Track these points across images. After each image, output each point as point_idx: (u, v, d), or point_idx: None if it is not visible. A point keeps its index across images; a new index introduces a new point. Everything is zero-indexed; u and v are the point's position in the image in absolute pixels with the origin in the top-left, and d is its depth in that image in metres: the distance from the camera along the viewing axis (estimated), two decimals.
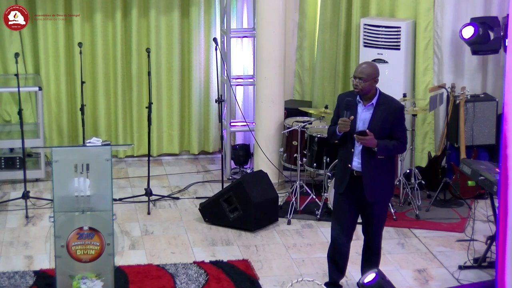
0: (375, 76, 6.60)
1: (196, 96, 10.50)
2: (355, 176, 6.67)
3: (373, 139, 6.50)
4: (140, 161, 10.44)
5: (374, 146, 6.52)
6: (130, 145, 10.10)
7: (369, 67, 6.60)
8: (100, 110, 10.28)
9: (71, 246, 6.55)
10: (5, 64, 10.08)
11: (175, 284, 7.18)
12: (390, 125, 6.57)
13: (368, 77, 6.55)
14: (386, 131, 6.57)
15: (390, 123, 6.57)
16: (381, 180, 6.65)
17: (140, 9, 10.20)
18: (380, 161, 6.59)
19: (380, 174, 6.63)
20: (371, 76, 6.57)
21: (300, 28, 10.41)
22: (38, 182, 9.64)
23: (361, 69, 6.58)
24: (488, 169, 7.30)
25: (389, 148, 6.57)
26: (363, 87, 6.56)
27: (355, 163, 6.66)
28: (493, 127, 9.38)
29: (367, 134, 6.50)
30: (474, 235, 8.05)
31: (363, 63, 6.75)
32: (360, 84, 6.55)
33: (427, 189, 9.31)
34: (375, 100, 6.63)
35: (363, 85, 6.55)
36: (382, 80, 9.41)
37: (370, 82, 6.57)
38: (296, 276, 7.21)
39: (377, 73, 6.63)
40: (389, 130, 6.58)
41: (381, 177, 6.64)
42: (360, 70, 6.58)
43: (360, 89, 6.57)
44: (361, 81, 6.55)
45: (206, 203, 8.62)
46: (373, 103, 6.62)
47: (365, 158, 6.60)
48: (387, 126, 6.57)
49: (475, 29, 8.95)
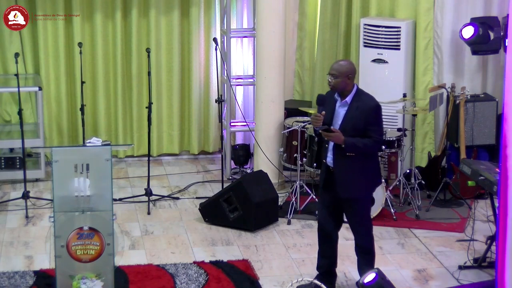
0: (348, 74, 6.63)
1: (196, 96, 10.51)
2: (331, 171, 6.77)
3: (338, 136, 6.58)
4: (140, 161, 10.44)
5: (341, 143, 6.60)
6: (130, 145, 10.10)
7: (342, 65, 6.68)
8: (100, 110, 10.28)
9: (71, 246, 6.55)
10: (5, 64, 10.08)
11: (175, 284, 7.18)
12: (363, 124, 6.61)
13: (339, 74, 6.60)
14: (359, 130, 6.61)
15: (363, 122, 6.61)
16: (353, 177, 6.69)
17: (140, 9, 10.20)
18: (353, 158, 6.65)
19: (352, 170, 6.68)
20: (343, 73, 6.61)
21: (300, 28, 10.41)
22: (38, 182, 9.64)
23: (334, 66, 6.68)
24: (488, 169, 7.30)
25: (358, 145, 6.60)
26: (335, 83, 6.63)
27: (329, 159, 6.78)
28: (493, 127, 9.38)
29: (332, 131, 6.58)
30: (474, 235, 8.04)
31: (338, 60, 6.86)
32: (332, 81, 6.63)
33: (427, 189, 9.31)
34: (349, 98, 6.68)
35: (334, 82, 6.62)
36: (382, 80, 9.51)
37: (342, 79, 6.61)
38: (296, 276, 7.21)
39: (351, 70, 6.66)
40: (363, 129, 6.61)
41: (353, 174, 6.68)
42: (333, 67, 6.68)
43: (332, 86, 6.66)
44: (333, 77, 6.63)
45: (206, 203, 8.62)
46: (347, 100, 6.68)
47: (336, 154, 6.70)
48: (359, 124, 6.61)
49: (475, 29, 8.95)
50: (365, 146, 6.62)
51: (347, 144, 6.58)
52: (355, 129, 6.61)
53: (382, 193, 8.54)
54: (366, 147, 6.63)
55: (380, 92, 9.41)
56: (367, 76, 9.61)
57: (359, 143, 6.59)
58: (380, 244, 8.09)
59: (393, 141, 8.87)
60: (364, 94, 6.75)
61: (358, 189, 6.75)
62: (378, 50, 9.48)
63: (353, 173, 6.68)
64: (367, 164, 6.76)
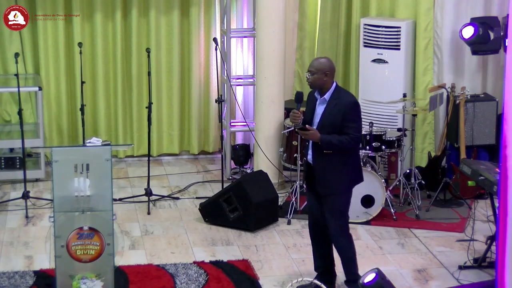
0: (326, 71, 6.65)
1: (196, 96, 10.51)
2: (311, 168, 6.81)
3: (314, 134, 6.62)
4: (140, 161, 10.45)
5: (317, 140, 6.64)
6: (130, 145, 10.10)
7: (319, 62, 6.71)
8: (100, 110, 10.28)
9: (71, 246, 6.55)
10: (5, 64, 10.08)
11: (175, 284, 7.18)
12: (341, 121, 6.63)
13: (316, 71, 6.64)
14: (337, 126, 6.63)
15: (340, 119, 6.63)
16: (331, 174, 6.71)
17: (140, 9, 10.20)
18: (331, 155, 6.67)
19: (330, 167, 6.70)
20: (320, 70, 6.64)
21: (300, 28, 10.41)
22: (38, 182, 9.64)
23: (312, 62, 6.74)
24: (488, 169, 7.30)
25: (334, 143, 6.61)
26: (312, 80, 6.67)
27: (309, 156, 6.82)
28: (493, 127, 9.38)
29: (307, 129, 6.62)
30: (474, 235, 8.04)
31: (317, 58, 6.88)
32: (310, 77, 6.68)
33: (427, 189, 9.31)
34: (327, 95, 6.71)
35: (312, 78, 6.67)
36: (382, 80, 9.51)
37: (320, 76, 6.64)
38: (296, 276, 7.20)
39: (329, 68, 6.67)
40: (340, 126, 6.64)
41: (331, 171, 6.71)
42: (311, 63, 6.73)
43: (310, 82, 6.71)
44: (310, 74, 6.68)
45: (206, 203, 8.62)
46: (325, 98, 6.71)
47: (315, 151, 6.74)
48: (337, 121, 6.63)
49: (475, 29, 8.95)
50: (341, 143, 6.62)
51: (322, 142, 6.62)
52: (333, 126, 6.64)
53: (382, 193, 8.54)
54: (342, 144, 6.63)
55: (380, 92, 9.45)
56: (367, 76, 9.61)
57: (335, 140, 6.61)
58: (380, 244, 8.10)
59: (393, 141, 8.87)
60: (343, 92, 6.78)
61: (335, 186, 6.75)
62: (378, 50, 9.48)
63: (331, 170, 6.71)
64: (346, 161, 6.75)
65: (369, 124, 8.83)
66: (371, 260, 7.72)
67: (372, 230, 8.44)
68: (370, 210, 8.58)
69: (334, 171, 6.71)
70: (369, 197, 8.56)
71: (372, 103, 9.58)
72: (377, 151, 8.80)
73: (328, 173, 6.72)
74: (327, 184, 6.74)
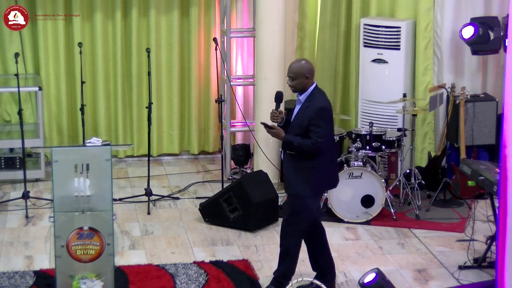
0: (305, 73, 6.67)
1: (196, 96, 10.50)
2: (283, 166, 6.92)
3: (276, 133, 6.70)
4: (140, 161, 10.45)
5: (280, 139, 6.72)
6: (130, 145, 10.09)
7: (298, 66, 6.72)
8: (100, 110, 10.28)
9: (71, 246, 6.55)
10: (5, 64, 10.08)
11: (175, 284, 7.18)
12: (306, 124, 6.65)
13: (295, 75, 6.67)
14: (303, 129, 6.66)
15: (306, 122, 6.65)
16: (295, 175, 6.74)
17: (140, 9, 10.20)
18: (294, 156, 6.71)
19: (295, 169, 6.73)
20: (299, 74, 6.67)
21: (300, 28, 10.40)
22: (38, 182, 9.64)
23: (290, 67, 6.76)
24: (488, 169, 7.30)
25: (294, 145, 6.64)
26: (293, 85, 6.71)
27: (282, 154, 6.92)
28: (493, 127, 9.38)
29: (271, 128, 6.69)
30: (474, 235, 8.04)
31: (295, 61, 6.89)
32: (290, 83, 6.72)
33: (427, 189, 9.31)
34: (303, 96, 6.74)
35: (293, 83, 6.71)
36: (382, 80, 9.51)
37: (300, 80, 6.67)
38: (296, 276, 7.20)
39: (308, 70, 6.69)
40: (306, 129, 6.66)
41: (296, 172, 6.73)
42: (289, 69, 6.76)
43: (292, 87, 6.73)
44: (290, 79, 6.70)
45: (206, 203, 8.62)
46: (300, 99, 6.75)
47: (284, 150, 6.82)
48: (304, 124, 6.66)
49: (475, 29, 8.95)
50: (301, 146, 6.63)
51: (284, 141, 6.70)
52: (300, 128, 6.68)
53: (382, 193, 8.54)
54: (302, 147, 6.62)
55: (380, 92, 9.46)
56: (367, 76, 9.61)
57: (296, 142, 6.64)
58: (380, 244, 8.10)
59: (393, 141, 8.88)
60: (317, 95, 6.75)
61: (297, 187, 6.76)
62: (378, 50, 9.48)
63: (296, 171, 6.74)
64: (313, 164, 6.70)
65: (369, 124, 8.83)
66: (371, 260, 7.72)
67: (372, 230, 8.44)
68: (370, 210, 8.58)
69: (299, 172, 6.72)
70: (369, 197, 8.56)
71: (372, 103, 9.58)
72: (377, 151, 8.80)
73: (292, 174, 6.76)
74: (290, 183, 6.79)
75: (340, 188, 8.54)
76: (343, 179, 8.54)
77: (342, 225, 8.54)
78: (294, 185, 6.76)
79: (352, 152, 8.66)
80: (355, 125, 9.84)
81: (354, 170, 8.54)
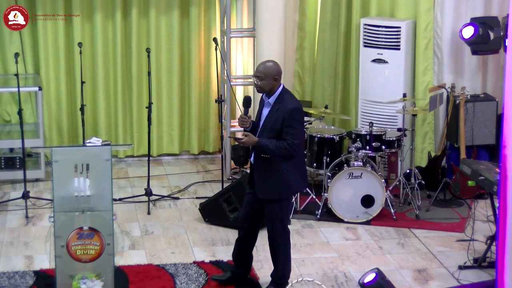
0: (274, 75, 6.65)
1: (196, 96, 10.51)
2: (253, 169, 6.83)
3: (249, 140, 6.62)
4: (140, 161, 10.45)
5: (254, 144, 6.66)
6: (130, 145, 10.10)
7: (267, 66, 6.69)
8: (100, 110, 10.28)
9: (71, 246, 6.55)
10: (5, 64, 10.08)
11: (175, 284, 7.18)
12: (280, 126, 6.62)
13: (264, 76, 6.64)
14: (276, 132, 6.63)
15: (280, 124, 6.62)
16: (270, 179, 6.70)
17: (140, 9, 10.20)
18: (270, 160, 6.66)
19: (269, 172, 6.69)
20: (268, 75, 6.64)
21: (300, 28, 10.41)
22: (38, 182, 9.64)
23: (258, 68, 6.72)
24: (488, 169, 7.30)
25: (270, 148, 6.60)
26: (261, 85, 6.67)
27: (252, 158, 6.82)
28: (493, 127, 9.38)
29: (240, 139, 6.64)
30: (474, 235, 8.05)
31: (263, 62, 6.84)
32: (258, 83, 6.67)
33: (427, 189, 9.31)
34: (272, 98, 6.72)
35: (260, 84, 6.66)
36: (382, 80, 9.50)
37: (268, 81, 6.64)
38: (296, 276, 7.20)
39: (277, 71, 6.67)
40: (280, 130, 6.63)
41: (270, 176, 6.69)
42: (257, 69, 6.72)
43: (259, 87, 6.69)
44: (259, 80, 6.66)
45: (206, 203, 8.62)
46: (270, 101, 6.72)
47: (255, 154, 6.76)
48: (277, 126, 6.63)
49: (475, 29, 8.95)
50: (278, 149, 6.59)
51: (259, 146, 6.63)
52: (272, 131, 6.64)
53: (382, 193, 8.55)
54: (279, 150, 6.60)
55: (380, 92, 9.46)
56: (367, 76, 9.61)
57: (272, 145, 6.59)
58: (380, 244, 8.10)
59: (393, 141, 8.88)
60: (287, 96, 6.73)
61: (273, 191, 6.72)
62: (378, 50, 9.48)
63: (270, 175, 6.69)
64: (286, 167, 6.68)
65: (369, 124, 8.83)
66: (371, 260, 7.72)
67: (372, 230, 8.44)
68: (370, 210, 8.58)
69: (273, 176, 6.68)
70: (369, 197, 8.56)
71: (372, 103, 9.58)
72: (377, 151, 8.80)
73: (267, 178, 6.70)
74: (263, 188, 6.73)
75: (340, 188, 8.56)
76: (343, 179, 8.55)
77: (342, 225, 8.54)
78: (269, 189, 6.72)
79: (352, 152, 8.66)
80: (355, 125, 9.84)
81: (354, 170, 8.54)
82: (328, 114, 9.17)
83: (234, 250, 7.17)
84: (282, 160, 6.65)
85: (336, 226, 8.52)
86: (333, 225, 8.52)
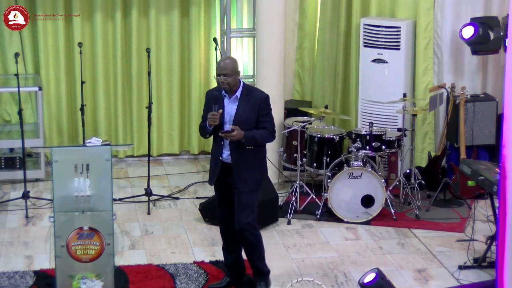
0: (237, 70, 6.77)
1: (196, 96, 10.50)
2: (225, 167, 6.84)
3: (239, 133, 6.68)
4: (140, 161, 10.45)
5: (242, 138, 6.70)
6: (130, 145, 10.10)
7: (230, 63, 6.78)
8: (100, 110, 10.28)
9: (71, 246, 6.55)
10: (5, 64, 10.08)
11: (175, 284, 7.18)
12: (256, 116, 6.73)
13: (231, 72, 6.71)
14: (252, 122, 6.74)
15: (255, 114, 6.73)
16: (251, 170, 6.81)
17: (140, 9, 10.20)
18: (250, 151, 6.76)
19: (250, 164, 6.80)
20: (234, 70, 6.74)
21: (300, 28, 10.41)
22: (38, 182, 9.64)
23: (224, 65, 6.74)
24: (488, 169, 7.30)
25: (256, 138, 6.75)
26: (229, 82, 6.72)
27: (225, 155, 6.85)
28: (493, 127, 9.38)
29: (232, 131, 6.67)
30: (474, 235, 8.05)
31: (224, 59, 6.89)
32: (226, 80, 6.71)
33: (427, 189, 9.30)
34: (238, 92, 6.79)
35: (228, 81, 6.71)
36: (382, 80, 9.50)
37: (235, 76, 6.74)
38: (296, 276, 7.20)
39: (237, 66, 6.80)
40: (255, 121, 6.74)
41: (251, 167, 6.80)
42: (223, 67, 6.74)
43: (228, 84, 6.73)
44: (226, 77, 6.71)
45: (206, 203, 8.62)
46: (237, 95, 6.79)
47: (234, 149, 6.79)
48: (252, 117, 6.74)
49: (475, 29, 8.95)
50: (262, 138, 6.79)
51: (246, 138, 6.70)
52: (248, 123, 6.73)
53: (382, 193, 8.55)
54: (263, 139, 6.80)
55: (380, 92, 9.46)
56: (367, 76, 9.61)
57: (257, 135, 6.75)
58: (380, 244, 8.10)
59: (393, 141, 8.88)
60: (250, 87, 6.92)
61: (253, 182, 6.83)
62: (378, 50, 9.48)
63: (249, 167, 6.79)
64: (260, 156, 6.90)
65: (369, 124, 8.83)
66: (371, 260, 7.72)
67: (372, 230, 8.44)
68: (370, 210, 8.58)
69: (252, 168, 6.81)
70: (369, 197, 8.56)
71: (372, 103, 9.58)
72: (377, 151, 8.80)
73: (247, 170, 6.79)
74: (247, 181, 6.80)
75: (340, 188, 8.56)
76: (343, 179, 8.55)
77: (342, 225, 8.54)
78: (253, 181, 6.83)
79: (352, 152, 8.66)
80: (355, 125, 9.84)
81: (354, 170, 8.54)
82: (328, 114, 9.17)
83: (225, 259, 7.19)
84: (257, 151, 6.84)
85: (336, 226, 8.52)
86: (333, 225, 8.52)
